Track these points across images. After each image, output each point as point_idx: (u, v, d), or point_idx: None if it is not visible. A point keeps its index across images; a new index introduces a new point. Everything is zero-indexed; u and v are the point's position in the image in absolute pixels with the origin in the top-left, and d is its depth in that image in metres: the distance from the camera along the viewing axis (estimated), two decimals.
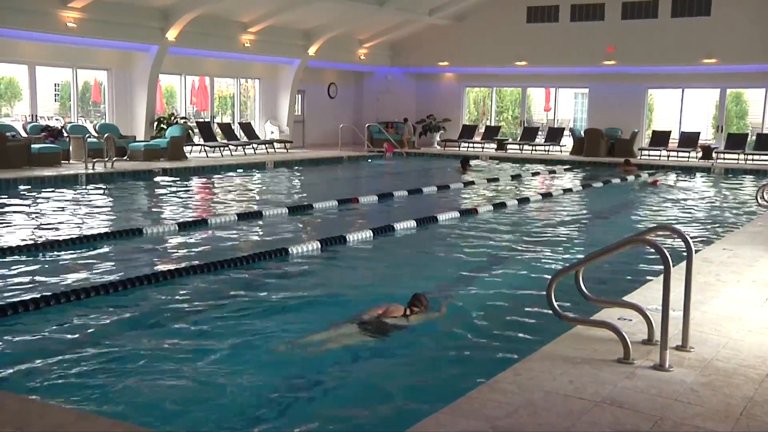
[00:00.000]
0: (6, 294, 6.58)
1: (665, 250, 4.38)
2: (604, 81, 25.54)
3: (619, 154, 23.54)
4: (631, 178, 18.73)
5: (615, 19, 24.38)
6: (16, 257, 8.10)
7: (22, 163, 15.83)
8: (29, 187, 14.07)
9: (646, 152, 24.11)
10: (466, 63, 26.92)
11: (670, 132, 24.45)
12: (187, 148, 20.22)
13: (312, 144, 27.15)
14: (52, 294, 6.40)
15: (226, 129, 22.80)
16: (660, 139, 24.22)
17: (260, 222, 11.06)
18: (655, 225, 10.78)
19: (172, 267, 7.70)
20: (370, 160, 23.44)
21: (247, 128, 23.50)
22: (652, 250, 4.52)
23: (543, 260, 8.68)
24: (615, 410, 3.77)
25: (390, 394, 4.72)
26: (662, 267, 4.42)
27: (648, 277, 7.17)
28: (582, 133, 24.83)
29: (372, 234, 9.85)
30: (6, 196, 12.96)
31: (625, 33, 24.07)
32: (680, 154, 23.48)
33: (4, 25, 16.47)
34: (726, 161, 22.37)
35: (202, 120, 23.07)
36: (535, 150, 25.53)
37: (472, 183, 16.99)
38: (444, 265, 8.46)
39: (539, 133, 26.73)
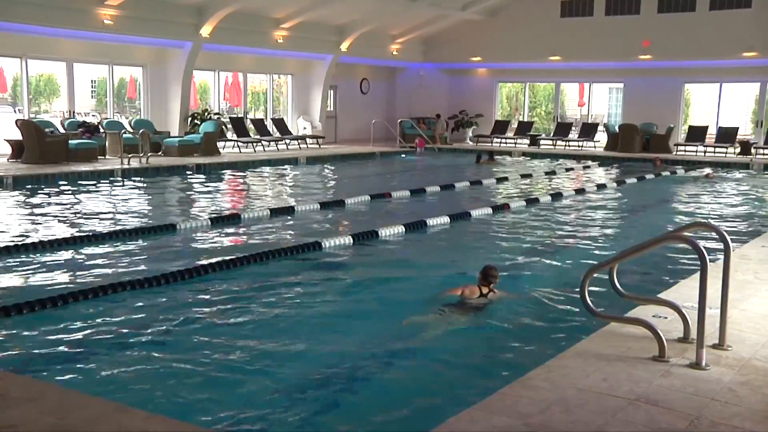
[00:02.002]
0: (47, 287, 6.70)
1: (702, 247, 4.31)
2: (639, 75, 25.20)
3: (655, 149, 23.23)
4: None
5: (651, 12, 24.01)
6: (55, 251, 8.24)
7: (60, 159, 16.10)
8: (67, 182, 14.31)
9: (682, 148, 23.74)
10: (499, 58, 26.74)
11: (707, 127, 24.03)
12: (220, 144, 20.41)
13: (344, 140, 27.20)
14: (90, 288, 6.50)
15: (259, 125, 22.94)
16: (697, 134, 23.82)
17: (293, 217, 11.11)
18: (691, 221, 10.63)
19: (209, 261, 7.77)
20: (402, 156, 23.42)
21: (279, 124, 23.62)
22: (689, 247, 4.45)
23: (576, 256, 8.60)
24: (650, 408, 3.73)
25: (418, 389, 4.72)
26: (698, 264, 4.35)
27: (684, 275, 7.07)
28: (616, 128, 24.53)
29: (404, 229, 9.84)
30: (45, 191, 13.19)
31: (661, 27, 23.70)
32: (717, 149, 23.08)
33: (44, 23, 16.76)
34: (766, 156, 21.94)
35: (235, 116, 23.25)
36: (569, 145, 25.29)
37: (506, 179, 16.90)
38: (475, 261, 8.39)
39: (573, 128, 26.50)
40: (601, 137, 25.54)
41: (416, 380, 4.87)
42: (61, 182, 14.23)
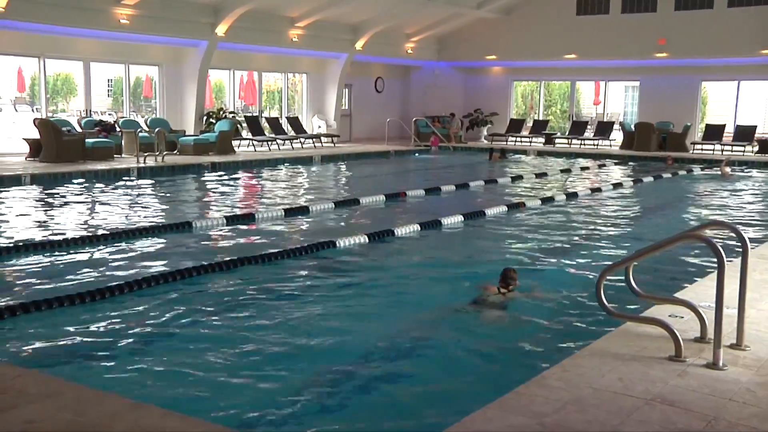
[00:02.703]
0: (65, 285, 6.75)
1: (719, 246, 4.28)
2: (655, 73, 25.05)
3: (671, 148, 23.09)
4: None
5: (668, 10, 23.84)
6: (72, 249, 8.31)
7: (77, 157, 16.22)
8: (83, 180, 14.41)
9: (699, 146, 23.56)
10: (514, 56, 26.66)
11: (724, 125, 23.82)
12: (235, 143, 20.48)
13: (359, 138, 27.22)
14: (106, 286, 6.54)
15: (274, 123, 23.01)
16: (714, 132, 23.62)
17: (307, 216, 11.13)
18: (708, 220, 10.56)
19: (224, 259, 7.80)
20: (417, 155, 23.42)
21: (294, 122, 23.67)
22: (706, 246, 4.42)
23: (592, 255, 8.56)
24: (666, 409, 3.70)
25: (433, 388, 4.72)
26: (715, 263, 4.32)
27: (700, 274, 7.02)
28: (632, 126, 24.39)
29: (419, 227, 9.84)
30: (62, 189, 13.30)
31: (678, 24, 23.53)
32: (735, 148, 22.88)
33: (61, 23, 16.89)
34: None
35: (250, 114, 23.33)
36: (584, 144, 25.17)
37: (521, 177, 16.85)
38: (490, 260, 8.39)
39: (588, 127, 26.38)
40: (617, 136, 25.41)
41: (431, 379, 4.87)
42: (77, 180, 14.33)
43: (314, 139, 23.44)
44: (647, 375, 4.16)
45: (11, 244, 8.32)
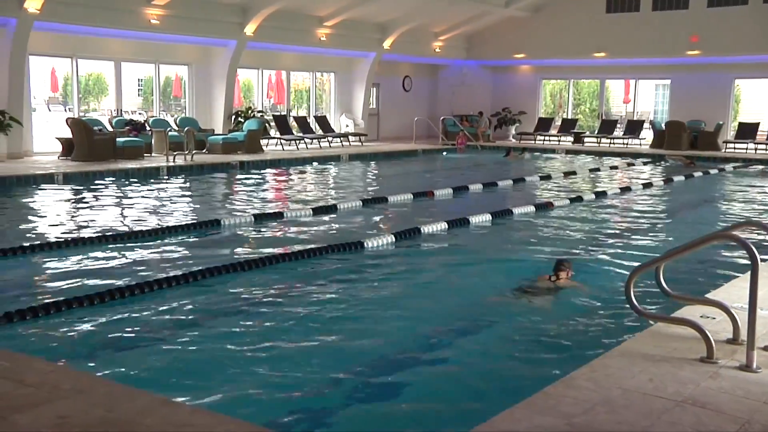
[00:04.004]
0: (95, 282, 6.84)
1: (752, 246, 4.21)
2: (687, 71, 24.70)
3: (702, 147, 22.79)
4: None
5: (700, 6, 23.49)
6: (103, 246, 8.41)
7: (108, 156, 16.42)
8: (114, 179, 14.59)
9: (731, 145, 23.21)
10: (542, 55, 26.48)
11: (758, 124, 23.44)
12: (263, 141, 20.59)
13: (386, 137, 27.22)
14: (136, 283, 6.61)
15: (302, 122, 23.10)
16: (747, 131, 23.26)
17: (335, 215, 11.15)
18: (741, 220, 10.40)
19: (253, 257, 7.85)
20: (444, 153, 23.37)
21: (322, 121, 23.75)
22: (738, 246, 4.35)
23: (622, 255, 8.47)
24: (698, 411, 3.65)
25: (459, 387, 4.71)
26: (749, 263, 4.25)
27: (733, 275, 6.92)
28: (663, 125, 24.10)
29: (447, 226, 9.82)
30: (93, 188, 13.48)
31: (710, 21, 23.17)
32: None
33: (93, 24, 17.12)
34: None
35: (278, 113, 23.44)
36: (614, 143, 24.92)
37: (549, 177, 16.74)
38: (518, 259, 8.36)
39: (618, 125, 26.11)
40: (647, 135, 25.13)
41: (456, 379, 4.85)
42: (108, 179, 14.51)
43: (342, 138, 23.49)
44: (678, 376, 4.10)
45: (45, 242, 8.45)
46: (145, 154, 17.55)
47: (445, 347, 5.47)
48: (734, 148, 23.03)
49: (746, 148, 22.73)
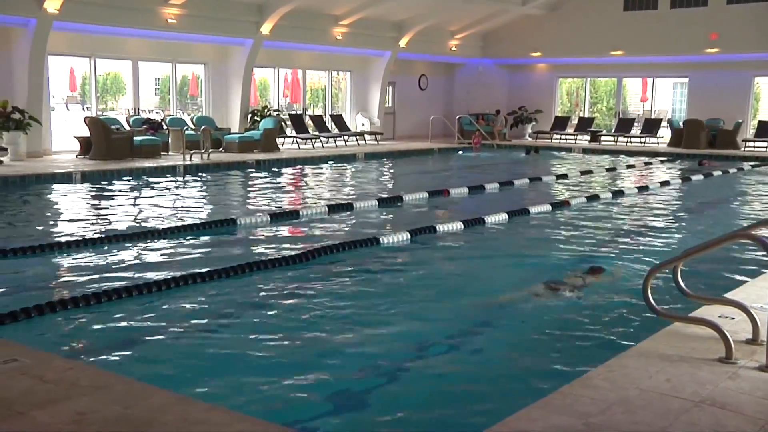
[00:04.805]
0: (111, 280, 6.89)
1: None
2: (705, 69, 24.50)
3: (721, 145, 22.59)
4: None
5: (720, 4, 23.29)
6: (120, 245, 8.47)
7: (125, 155, 16.54)
8: (131, 177, 14.69)
9: (750, 144, 23.00)
10: (559, 53, 26.36)
11: None
12: (279, 140, 20.65)
13: (402, 136, 27.21)
14: (154, 281, 6.66)
15: (318, 121, 23.14)
16: (767, 129, 23.03)
17: (351, 213, 11.16)
18: (759, 219, 10.30)
19: (271, 256, 7.87)
20: (460, 152, 23.33)
21: (338, 120, 23.77)
22: (757, 246, 4.31)
23: (639, 254, 8.41)
24: (716, 411, 3.62)
25: (476, 386, 4.70)
26: None
27: (752, 274, 6.86)
28: (681, 124, 23.92)
29: (462, 225, 9.80)
30: (111, 186, 13.57)
31: (730, 18, 22.95)
32: None
33: (111, 23, 17.24)
34: None
35: (294, 112, 23.50)
36: (631, 142, 24.77)
37: (565, 176, 16.67)
38: (535, 259, 8.33)
39: (635, 124, 25.94)
40: (665, 133, 24.95)
41: (472, 378, 4.85)
42: (126, 178, 14.61)
43: (358, 137, 23.51)
44: (696, 376, 4.07)
45: (63, 240, 8.52)
46: (162, 153, 17.65)
47: (460, 346, 5.46)
48: (753, 147, 22.82)
49: (766, 147, 22.50)
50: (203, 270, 7.12)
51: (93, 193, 12.92)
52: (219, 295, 6.58)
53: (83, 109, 26.79)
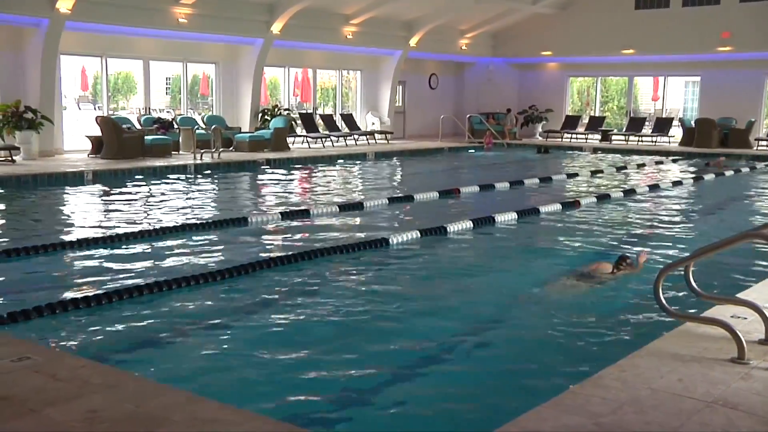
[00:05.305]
0: (124, 278, 6.92)
1: None
2: (717, 68, 24.36)
3: (733, 144, 22.47)
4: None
5: (732, 2, 23.15)
6: (131, 243, 8.50)
7: (136, 154, 16.61)
8: (142, 176, 14.74)
9: (763, 142, 22.85)
10: (570, 52, 26.28)
11: None
12: (290, 139, 20.68)
13: (412, 135, 27.20)
14: (164, 280, 6.67)
15: (328, 120, 23.16)
16: None
17: (361, 212, 11.16)
18: None
19: (281, 254, 7.88)
20: (470, 151, 23.29)
21: (348, 119, 23.79)
22: None
23: (651, 254, 8.37)
24: (728, 412, 3.60)
25: (488, 385, 4.69)
26: None
27: (764, 274, 6.81)
28: (692, 123, 23.80)
29: (472, 224, 9.79)
30: (122, 186, 13.63)
31: (742, 16, 22.81)
32: None
33: (123, 23, 17.32)
34: None
35: (304, 111, 23.53)
36: (642, 141, 24.65)
37: (576, 175, 16.61)
38: (546, 258, 8.31)
39: (646, 123, 25.83)
40: (676, 132, 24.83)
41: (483, 377, 4.84)
42: (137, 177, 14.67)
43: (368, 136, 23.52)
44: (708, 377, 4.05)
45: (75, 239, 8.56)
46: (173, 152, 17.71)
47: (471, 344, 5.45)
48: (766, 146, 22.67)
49: None
50: (214, 269, 7.14)
51: (104, 192, 12.97)
52: (230, 293, 6.60)
53: (95, 108, 26.91)
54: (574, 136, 26.11)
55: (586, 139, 25.74)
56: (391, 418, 4.24)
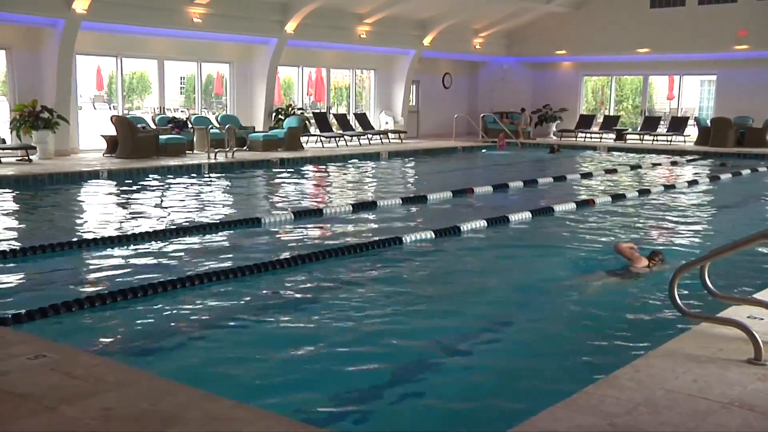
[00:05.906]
0: (139, 276, 6.95)
1: None
2: (734, 67, 24.16)
3: (750, 144, 22.27)
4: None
5: (749, 0, 22.95)
6: (146, 242, 8.54)
7: (151, 153, 16.69)
8: (157, 175, 14.81)
9: None
10: (584, 51, 26.16)
11: None
12: (303, 139, 20.71)
13: (426, 134, 27.17)
14: (178, 278, 6.70)
15: (342, 119, 23.17)
16: None
17: (374, 211, 11.16)
18: None
19: (295, 253, 7.90)
20: (483, 151, 23.24)
21: (362, 119, 23.79)
22: None
23: (666, 254, 8.32)
24: (745, 413, 3.57)
25: (501, 385, 4.68)
26: None
27: None
28: (708, 122, 23.62)
29: (486, 224, 9.77)
30: (137, 185, 13.70)
31: (759, 15, 22.58)
32: None
33: (138, 23, 17.42)
34: None
35: (318, 111, 23.55)
36: (657, 140, 24.51)
37: (590, 174, 16.54)
38: (561, 258, 8.27)
39: (661, 122, 25.66)
40: (692, 132, 24.67)
41: (496, 377, 4.83)
42: (151, 176, 14.74)
43: (381, 136, 23.52)
44: (724, 377, 4.02)
45: (90, 237, 8.62)
46: (187, 152, 17.79)
47: (484, 344, 5.44)
48: None
49: None
50: (228, 267, 7.16)
51: (119, 191, 13.05)
52: (243, 292, 6.61)
53: (110, 108, 27.10)
54: (588, 135, 25.99)
55: (601, 138, 25.62)
56: (403, 416, 4.24)
